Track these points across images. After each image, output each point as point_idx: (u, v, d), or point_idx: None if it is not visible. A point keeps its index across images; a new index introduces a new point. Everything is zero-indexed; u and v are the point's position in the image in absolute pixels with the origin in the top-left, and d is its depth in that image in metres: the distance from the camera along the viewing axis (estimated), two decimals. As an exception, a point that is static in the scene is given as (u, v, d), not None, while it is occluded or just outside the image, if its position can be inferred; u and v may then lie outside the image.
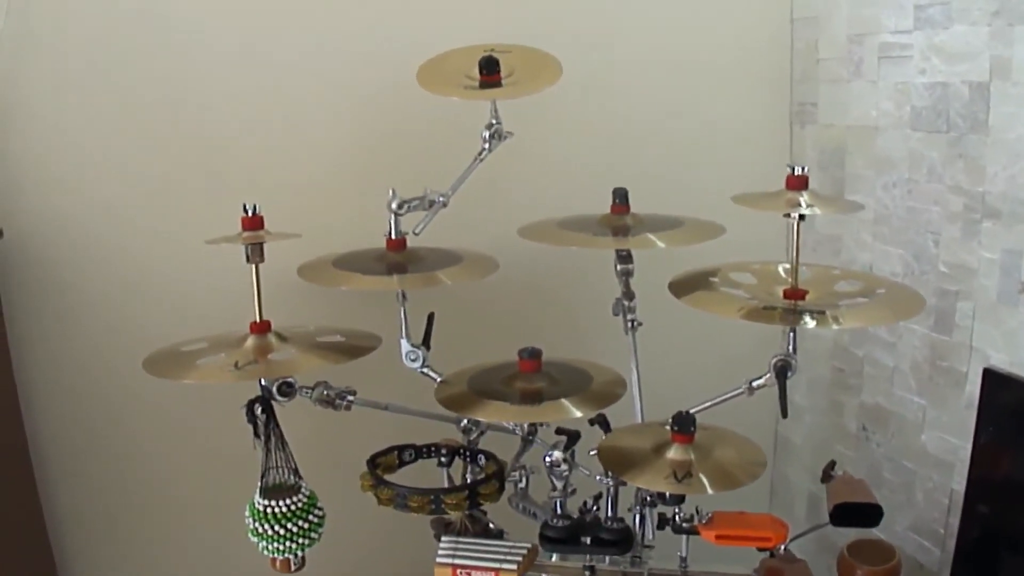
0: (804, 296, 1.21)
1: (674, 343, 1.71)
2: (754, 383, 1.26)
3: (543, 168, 1.76)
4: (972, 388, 1.40)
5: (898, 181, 1.55)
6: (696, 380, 1.42)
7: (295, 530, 1.24)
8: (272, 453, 1.26)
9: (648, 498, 1.25)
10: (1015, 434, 1.24)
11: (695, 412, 1.22)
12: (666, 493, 1.19)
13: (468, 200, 1.42)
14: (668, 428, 1.21)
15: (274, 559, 1.27)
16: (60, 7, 1.52)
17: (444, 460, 1.39)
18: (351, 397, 1.34)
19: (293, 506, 1.25)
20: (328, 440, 1.51)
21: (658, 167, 1.78)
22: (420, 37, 1.50)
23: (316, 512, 1.28)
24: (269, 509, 1.24)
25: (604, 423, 1.31)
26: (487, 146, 1.41)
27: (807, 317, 1.16)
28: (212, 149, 1.63)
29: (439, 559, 1.24)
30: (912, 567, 1.53)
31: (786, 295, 1.22)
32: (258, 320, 1.28)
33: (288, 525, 1.24)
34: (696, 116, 1.82)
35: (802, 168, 1.21)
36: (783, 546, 1.21)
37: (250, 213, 1.26)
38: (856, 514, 1.25)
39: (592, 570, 1.27)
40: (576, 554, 1.26)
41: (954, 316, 1.44)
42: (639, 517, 1.27)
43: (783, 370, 1.21)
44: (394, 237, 1.39)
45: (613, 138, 1.78)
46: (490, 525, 1.36)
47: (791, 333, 1.21)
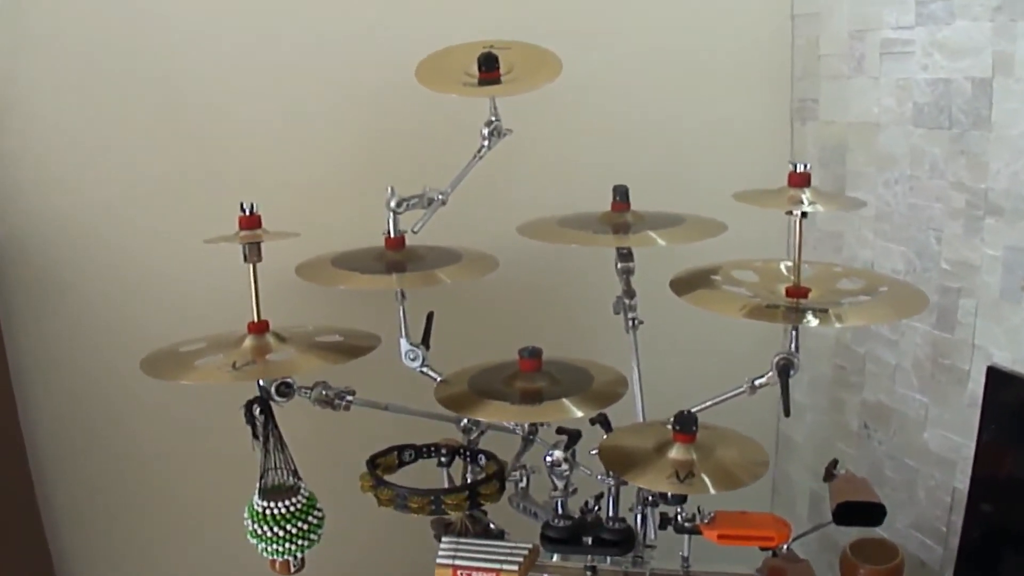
0: (807, 294, 1.20)
1: (675, 341, 1.71)
2: (756, 382, 1.25)
3: (543, 165, 1.75)
4: (974, 386, 1.40)
5: (900, 178, 1.55)
6: (697, 379, 1.42)
7: (294, 531, 1.24)
8: (271, 454, 1.25)
9: (650, 498, 1.24)
10: (1019, 432, 1.23)
11: (697, 411, 1.22)
12: (668, 493, 1.18)
13: (467, 198, 1.41)
14: (670, 427, 1.20)
15: (273, 561, 1.26)
16: (59, 6, 1.51)
17: (444, 460, 1.38)
18: (350, 397, 1.33)
19: (292, 507, 1.24)
20: (327, 440, 1.51)
21: (658, 164, 1.77)
22: (418, 34, 1.49)
23: (315, 513, 1.27)
24: (268, 510, 1.23)
25: (605, 422, 1.30)
26: (486, 143, 1.40)
27: (809, 316, 1.15)
28: (210, 148, 1.63)
29: (439, 560, 1.23)
30: (914, 565, 1.53)
31: (788, 293, 1.21)
32: (256, 320, 1.27)
33: (287, 526, 1.23)
34: (696, 113, 1.81)
35: (804, 165, 1.20)
36: (786, 545, 1.21)
37: (247, 212, 1.25)
38: (859, 513, 1.24)
39: (594, 570, 1.26)
40: (577, 554, 1.25)
41: (956, 313, 1.44)
42: (641, 517, 1.27)
43: (785, 369, 1.21)
44: (393, 235, 1.39)
45: (613, 135, 1.77)
46: (491, 525, 1.35)
47: (793, 332, 1.20)
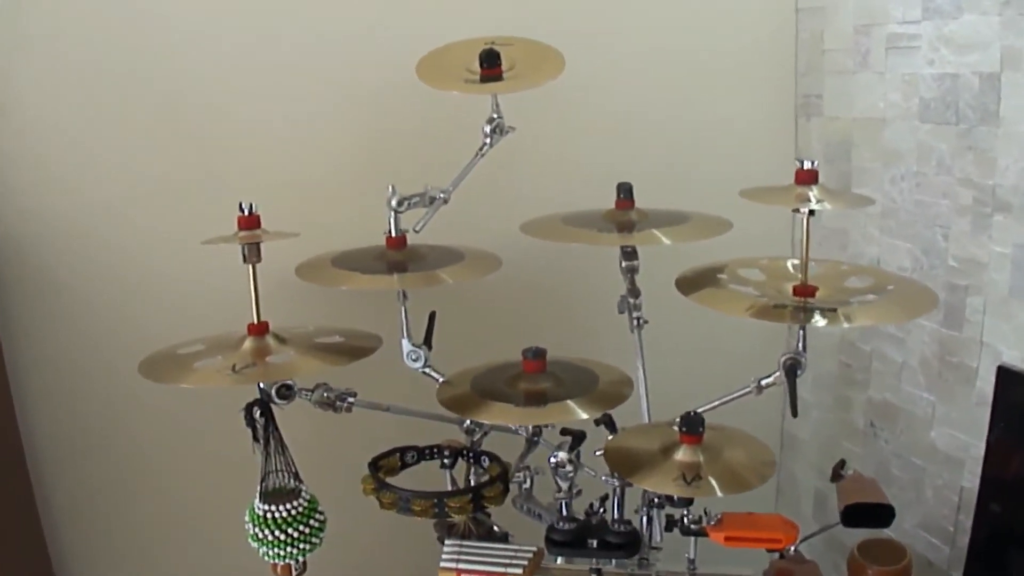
0: (814, 293, 1.19)
1: (680, 341, 1.70)
2: (763, 382, 1.24)
3: (546, 163, 1.74)
4: (982, 384, 1.39)
5: (906, 174, 1.53)
6: (703, 378, 1.41)
7: (296, 535, 1.23)
8: (272, 457, 1.24)
9: (656, 500, 1.23)
10: (1029, 432, 1.22)
11: (703, 412, 1.21)
12: (674, 495, 1.17)
13: (469, 196, 1.40)
14: (676, 429, 1.19)
15: (275, 564, 1.25)
16: (59, 6, 1.50)
17: (447, 462, 1.38)
18: (352, 399, 1.32)
19: (293, 511, 1.23)
20: (329, 443, 1.50)
21: (661, 160, 1.76)
22: (419, 30, 1.48)
23: (317, 516, 1.26)
24: (269, 514, 1.22)
25: (610, 423, 1.29)
26: (488, 141, 1.38)
27: (818, 315, 1.14)
28: (210, 148, 1.61)
29: (443, 563, 1.22)
30: (921, 565, 1.52)
31: (796, 292, 1.19)
32: (256, 321, 1.26)
33: (289, 530, 1.23)
34: (699, 109, 1.80)
35: (812, 162, 1.18)
36: (793, 547, 1.20)
37: (247, 212, 1.24)
38: (868, 515, 1.23)
39: (599, 573, 1.25)
40: (583, 558, 1.24)
41: (964, 311, 1.42)
42: (646, 519, 1.26)
43: (793, 369, 1.19)
44: (394, 235, 1.37)
45: (616, 131, 1.76)
46: (495, 528, 1.34)
47: (801, 331, 1.19)
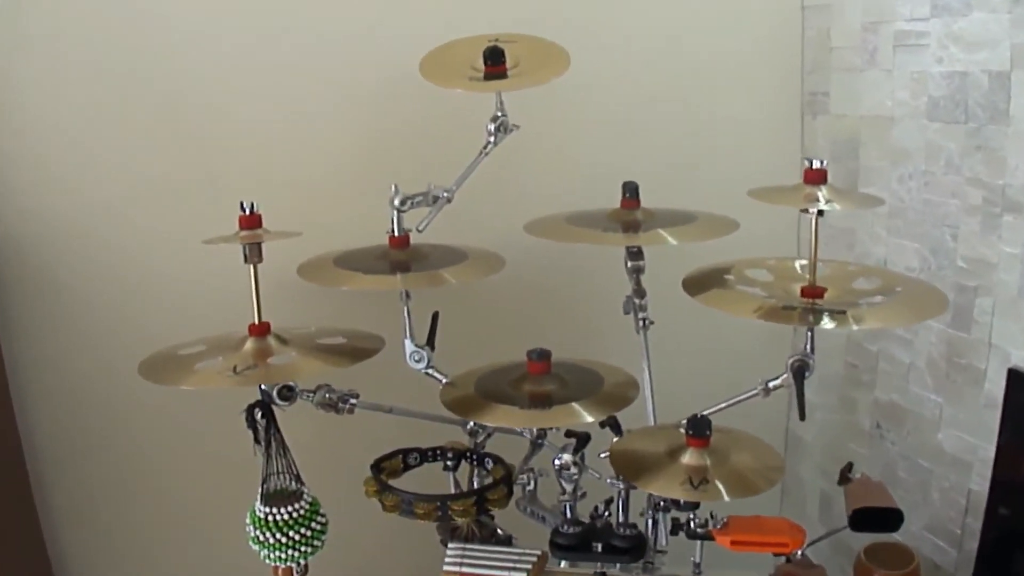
0: (822, 294, 1.18)
1: (686, 341, 1.68)
2: (770, 384, 1.23)
3: (550, 162, 1.72)
4: (991, 386, 1.38)
5: (914, 173, 1.52)
6: (709, 379, 1.40)
7: (297, 538, 1.22)
8: (273, 459, 1.24)
9: (661, 503, 1.22)
10: (1039, 435, 1.21)
11: (709, 414, 1.19)
12: (681, 499, 1.16)
13: (473, 196, 1.38)
14: (682, 431, 1.18)
15: (276, 567, 1.25)
16: (59, 6, 1.49)
17: (450, 464, 1.37)
18: (354, 400, 1.31)
19: (295, 513, 1.23)
20: (330, 444, 1.49)
21: (666, 159, 1.74)
22: (422, 28, 1.47)
23: (319, 519, 1.25)
24: (270, 516, 1.22)
25: (615, 425, 1.28)
26: (492, 139, 1.37)
27: (826, 317, 1.12)
28: (210, 147, 1.60)
29: (446, 566, 1.22)
30: (928, 568, 1.50)
31: (804, 293, 1.18)
32: (257, 322, 1.25)
33: (290, 533, 1.22)
34: (704, 106, 1.78)
35: (821, 161, 1.17)
36: (800, 551, 1.19)
37: (248, 211, 1.23)
38: (876, 519, 1.22)
39: (603, 576, 1.24)
40: (587, 562, 1.23)
41: (972, 312, 1.41)
42: (652, 522, 1.25)
43: (801, 371, 1.18)
44: (397, 234, 1.36)
45: (621, 130, 1.75)
46: (498, 530, 1.33)
47: (809, 333, 1.17)
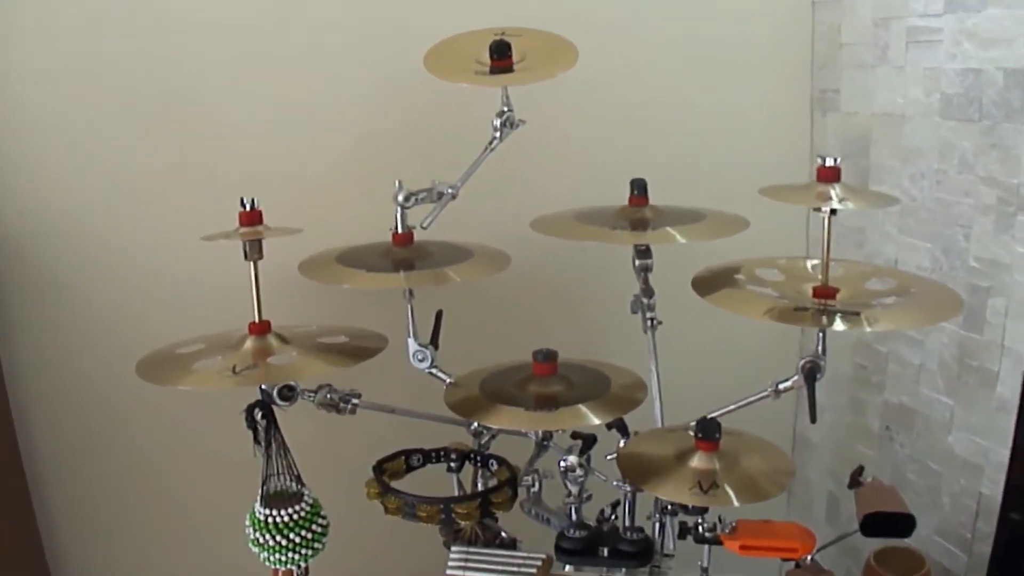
0: (835, 295, 1.15)
1: (695, 341, 1.67)
2: (781, 386, 1.21)
3: (557, 158, 1.70)
4: (1003, 389, 1.36)
5: (926, 172, 1.50)
6: (718, 380, 1.39)
7: (298, 540, 1.21)
8: (273, 460, 1.22)
9: (669, 506, 1.20)
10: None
11: (718, 416, 1.18)
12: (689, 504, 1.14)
13: (478, 192, 1.36)
14: (691, 434, 1.16)
15: (276, 570, 1.23)
16: (58, 5, 1.48)
17: (454, 465, 1.36)
18: (356, 400, 1.29)
19: (296, 515, 1.21)
20: (332, 445, 1.48)
21: (675, 156, 1.72)
22: (427, 21, 1.45)
23: (320, 521, 1.24)
24: (270, 519, 1.20)
25: (622, 427, 1.26)
26: (498, 135, 1.35)
27: (839, 319, 1.10)
28: (210, 143, 1.58)
29: (449, 570, 1.20)
30: (938, 573, 1.49)
31: (816, 294, 1.16)
32: (257, 320, 1.23)
33: (290, 535, 1.20)
34: (714, 103, 1.76)
35: (834, 159, 1.15)
36: (809, 556, 1.17)
37: (248, 208, 1.21)
38: (888, 524, 1.20)
39: (609, 581, 1.22)
40: (593, 566, 1.21)
41: (985, 313, 1.39)
42: (659, 526, 1.23)
43: (812, 373, 1.16)
44: (400, 231, 1.34)
45: (629, 126, 1.73)
46: (502, 533, 1.31)
47: (820, 334, 1.15)
